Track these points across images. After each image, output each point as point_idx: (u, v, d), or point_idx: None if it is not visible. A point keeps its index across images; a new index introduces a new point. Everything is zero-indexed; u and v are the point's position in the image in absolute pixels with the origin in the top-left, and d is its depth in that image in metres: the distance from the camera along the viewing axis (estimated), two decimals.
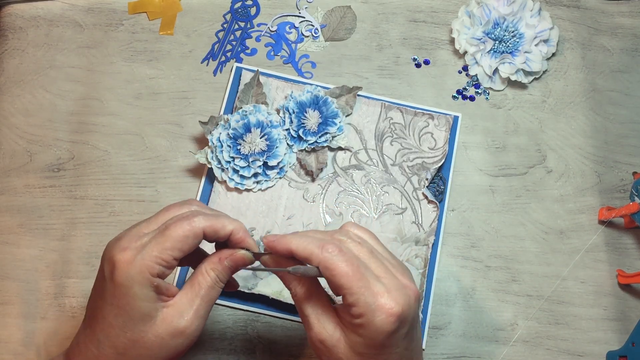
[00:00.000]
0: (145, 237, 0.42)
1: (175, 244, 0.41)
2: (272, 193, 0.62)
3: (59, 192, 0.62)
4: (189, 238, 0.42)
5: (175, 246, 0.41)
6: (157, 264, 0.41)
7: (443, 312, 0.61)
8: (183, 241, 0.41)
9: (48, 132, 0.64)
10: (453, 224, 0.63)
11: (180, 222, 0.42)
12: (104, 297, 0.42)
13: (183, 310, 0.43)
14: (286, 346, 0.59)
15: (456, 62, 0.69)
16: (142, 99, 0.65)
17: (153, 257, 0.41)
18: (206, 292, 0.43)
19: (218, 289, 0.44)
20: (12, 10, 0.68)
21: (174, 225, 0.42)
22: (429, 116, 0.65)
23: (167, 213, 0.44)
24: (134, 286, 0.41)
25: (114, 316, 0.41)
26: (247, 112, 0.61)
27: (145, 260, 0.41)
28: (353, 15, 0.70)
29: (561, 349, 0.60)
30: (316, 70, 0.67)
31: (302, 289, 0.43)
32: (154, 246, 0.41)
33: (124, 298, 0.41)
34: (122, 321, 0.41)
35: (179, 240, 0.41)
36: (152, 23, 0.68)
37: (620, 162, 0.67)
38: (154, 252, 0.41)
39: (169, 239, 0.41)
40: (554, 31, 0.68)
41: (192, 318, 0.43)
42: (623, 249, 0.64)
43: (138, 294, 0.41)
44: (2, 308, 0.58)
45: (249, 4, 0.70)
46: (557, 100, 0.68)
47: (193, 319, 0.43)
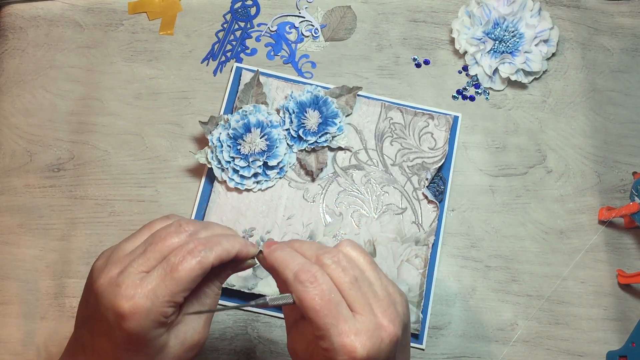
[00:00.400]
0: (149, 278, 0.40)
1: (186, 285, 0.40)
2: (272, 193, 0.62)
3: (59, 192, 0.62)
4: (198, 277, 0.40)
5: (185, 287, 0.40)
6: (169, 307, 0.40)
7: (443, 312, 0.61)
8: (193, 281, 0.40)
9: (48, 132, 0.64)
10: (453, 224, 0.63)
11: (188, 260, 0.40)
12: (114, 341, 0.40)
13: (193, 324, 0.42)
14: (286, 346, 0.59)
15: (456, 62, 0.69)
16: (142, 99, 0.65)
17: (165, 303, 0.39)
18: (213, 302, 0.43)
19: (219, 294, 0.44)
20: (12, 10, 0.68)
21: (182, 265, 0.40)
22: (429, 116, 0.65)
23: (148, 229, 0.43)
24: (149, 332, 0.39)
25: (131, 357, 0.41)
26: (247, 112, 0.61)
27: (157, 307, 0.39)
28: (353, 15, 0.70)
29: (561, 349, 0.60)
30: (316, 70, 0.67)
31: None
32: (164, 290, 0.39)
33: (140, 343, 0.40)
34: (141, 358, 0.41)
35: (189, 281, 0.40)
36: (152, 23, 0.68)
37: (620, 162, 0.67)
38: (166, 298, 0.39)
39: (179, 282, 0.39)
40: (554, 31, 0.68)
41: (203, 329, 0.43)
42: (623, 249, 0.64)
43: (154, 336, 0.40)
44: (2, 308, 0.58)
45: (249, 4, 0.70)
46: (557, 100, 0.68)
47: (204, 329, 0.43)
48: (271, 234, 0.61)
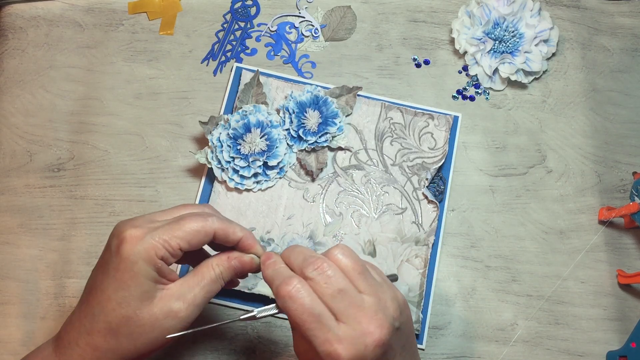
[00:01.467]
0: (158, 222, 0.44)
1: (186, 235, 0.43)
2: (272, 193, 0.62)
3: (59, 192, 0.62)
4: (200, 233, 0.44)
5: (185, 237, 0.43)
6: (163, 247, 0.43)
7: (443, 312, 0.61)
8: (194, 234, 0.43)
9: (48, 132, 0.64)
10: (453, 224, 0.63)
11: (195, 217, 0.44)
12: (106, 271, 0.43)
13: (181, 294, 0.44)
14: (286, 346, 0.59)
15: (456, 62, 0.69)
16: (142, 99, 0.65)
17: (162, 240, 0.43)
18: (207, 283, 0.45)
19: (219, 285, 0.46)
20: (12, 10, 0.68)
21: (189, 218, 0.44)
22: (429, 116, 0.65)
23: (183, 208, 0.46)
24: (138, 261, 0.42)
25: (113, 290, 0.43)
26: (247, 112, 0.61)
27: (154, 240, 0.42)
28: (353, 15, 0.70)
29: (561, 349, 0.60)
30: (316, 70, 0.67)
31: None
32: (166, 231, 0.43)
33: (127, 272, 0.42)
34: (121, 296, 0.43)
35: (190, 232, 0.43)
36: (152, 23, 0.68)
37: (620, 162, 0.67)
38: (164, 236, 0.43)
39: (181, 228, 0.43)
40: (554, 31, 0.68)
41: (188, 303, 0.44)
42: (623, 249, 0.64)
43: (141, 270, 0.42)
44: (2, 308, 0.58)
45: (249, 4, 0.70)
46: (557, 100, 0.68)
47: (189, 304, 0.44)
48: (271, 234, 0.61)
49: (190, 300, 0.44)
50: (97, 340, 0.43)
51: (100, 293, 0.43)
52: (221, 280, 0.46)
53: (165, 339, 0.44)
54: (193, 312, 0.45)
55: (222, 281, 0.46)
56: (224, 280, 0.46)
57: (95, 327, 0.43)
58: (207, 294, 0.45)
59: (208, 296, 0.45)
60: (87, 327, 0.44)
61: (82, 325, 0.44)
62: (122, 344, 0.43)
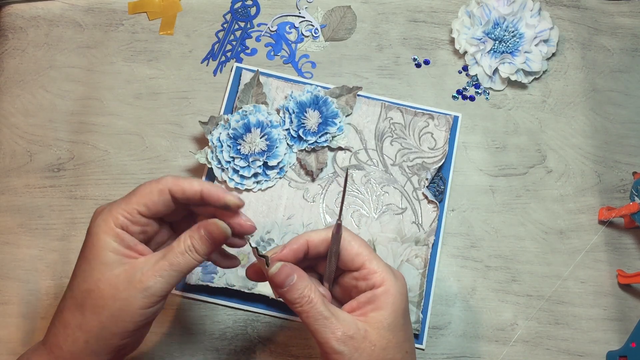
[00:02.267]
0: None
1: (140, 199, 0.43)
2: (272, 193, 0.62)
3: (59, 192, 0.62)
4: (153, 194, 0.44)
5: (139, 201, 0.43)
6: (121, 215, 0.43)
7: (443, 312, 0.61)
8: (147, 196, 0.44)
9: (48, 132, 0.64)
10: (453, 224, 0.63)
11: (150, 181, 0.44)
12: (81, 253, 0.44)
13: (145, 265, 0.43)
14: (286, 346, 0.59)
15: (456, 62, 0.69)
16: (142, 99, 0.65)
17: (119, 209, 0.43)
18: (175, 255, 0.43)
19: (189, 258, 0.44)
20: (12, 10, 0.68)
21: (143, 184, 0.44)
22: (429, 116, 0.65)
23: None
24: (99, 233, 0.43)
25: (78, 266, 0.44)
26: (247, 112, 0.61)
27: (112, 211, 0.43)
28: (353, 15, 0.70)
29: (561, 349, 0.60)
30: (316, 70, 0.67)
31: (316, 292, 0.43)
32: (122, 201, 0.44)
33: (90, 247, 0.43)
34: (84, 270, 0.43)
35: (143, 195, 0.44)
36: (152, 23, 0.68)
37: (620, 162, 0.67)
38: (121, 205, 0.43)
39: (135, 194, 0.44)
40: (554, 31, 0.68)
41: (150, 273, 0.42)
42: (623, 249, 0.64)
43: (101, 241, 0.43)
44: (2, 308, 0.58)
45: (249, 4, 0.70)
46: (557, 100, 0.68)
47: (151, 274, 0.42)
48: (271, 234, 0.61)
49: (154, 272, 0.42)
50: (66, 317, 0.43)
51: (72, 274, 0.44)
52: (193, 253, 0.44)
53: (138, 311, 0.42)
54: (158, 284, 0.42)
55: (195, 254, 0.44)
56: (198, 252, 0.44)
57: (64, 305, 0.44)
58: (176, 268, 0.43)
59: (177, 270, 0.43)
60: (60, 306, 0.44)
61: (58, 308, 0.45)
62: (87, 318, 0.42)
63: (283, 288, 0.43)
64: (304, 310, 0.43)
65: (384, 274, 0.44)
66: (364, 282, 0.44)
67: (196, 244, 0.44)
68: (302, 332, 0.59)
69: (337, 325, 0.42)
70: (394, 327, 0.43)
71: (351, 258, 0.45)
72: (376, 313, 0.43)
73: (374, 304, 0.43)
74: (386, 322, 0.43)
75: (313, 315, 0.42)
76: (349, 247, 0.45)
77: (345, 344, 0.42)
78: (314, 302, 0.43)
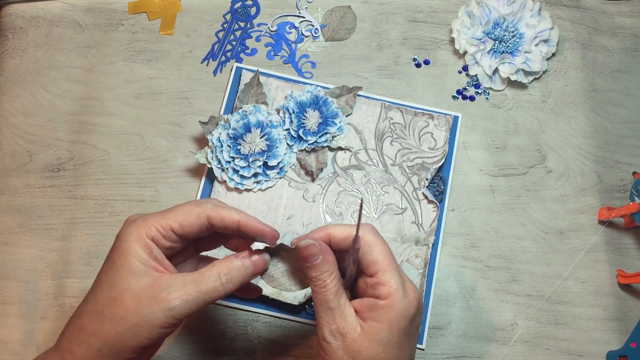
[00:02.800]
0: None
1: (177, 216, 0.43)
2: (272, 193, 0.62)
3: (59, 192, 0.62)
4: (191, 215, 0.44)
5: (176, 218, 0.43)
6: (154, 227, 0.43)
7: (443, 312, 0.61)
8: (184, 216, 0.44)
9: (48, 132, 0.64)
10: (453, 224, 0.63)
11: (190, 202, 0.45)
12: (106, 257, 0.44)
13: (172, 285, 0.42)
14: (286, 346, 0.59)
15: (456, 62, 0.69)
16: (142, 99, 0.65)
17: (153, 222, 0.43)
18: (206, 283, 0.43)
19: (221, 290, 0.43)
20: (12, 10, 0.68)
21: (183, 203, 0.45)
22: (429, 116, 0.65)
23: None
24: (128, 240, 0.43)
25: (104, 271, 0.43)
26: (247, 112, 0.61)
27: (145, 221, 0.43)
28: (353, 15, 0.70)
29: (561, 349, 0.60)
30: (316, 70, 0.67)
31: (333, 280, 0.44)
32: (157, 214, 0.44)
33: (117, 252, 0.43)
34: (110, 276, 0.43)
35: (181, 213, 0.44)
36: (152, 23, 0.68)
37: (620, 162, 0.67)
38: (156, 218, 0.43)
39: (173, 210, 0.44)
40: (554, 31, 0.68)
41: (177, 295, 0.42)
42: (623, 249, 0.64)
43: (130, 249, 0.42)
44: (2, 308, 0.58)
45: (249, 4, 0.70)
46: (557, 100, 0.68)
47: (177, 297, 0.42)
48: None
49: (180, 294, 0.42)
50: (83, 322, 0.43)
51: (96, 278, 0.44)
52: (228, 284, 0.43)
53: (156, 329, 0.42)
54: (181, 307, 0.42)
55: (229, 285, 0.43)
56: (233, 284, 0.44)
57: (84, 309, 0.43)
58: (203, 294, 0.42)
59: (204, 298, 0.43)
60: (79, 310, 0.44)
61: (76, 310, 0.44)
62: (105, 326, 0.42)
63: (307, 263, 0.44)
64: (316, 291, 0.44)
65: (392, 289, 0.43)
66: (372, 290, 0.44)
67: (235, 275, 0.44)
68: (302, 332, 0.59)
69: (336, 318, 0.43)
70: (386, 342, 0.42)
71: (367, 264, 0.44)
72: (373, 323, 0.43)
73: (374, 313, 0.43)
74: (379, 336, 0.42)
75: (321, 299, 0.44)
76: (368, 253, 0.44)
77: (336, 338, 0.43)
78: (327, 289, 0.44)
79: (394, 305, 0.42)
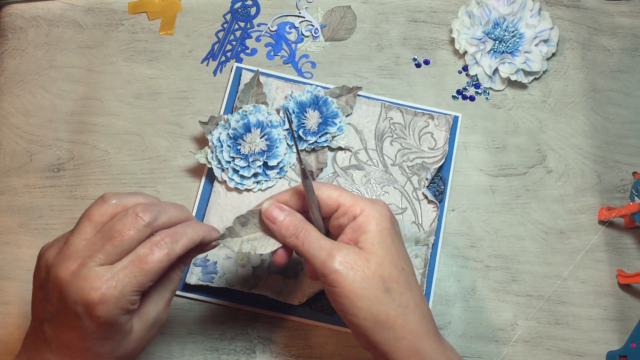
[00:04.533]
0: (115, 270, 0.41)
1: (153, 276, 0.42)
2: (272, 193, 0.62)
3: (59, 192, 0.62)
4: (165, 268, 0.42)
5: (152, 278, 0.42)
6: (136, 296, 0.42)
7: (443, 312, 0.61)
8: (160, 271, 0.42)
9: (48, 132, 0.64)
10: (453, 224, 0.63)
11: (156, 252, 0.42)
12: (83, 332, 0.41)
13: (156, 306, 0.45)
14: (286, 346, 0.59)
15: (456, 62, 0.69)
16: (142, 99, 0.65)
17: (132, 292, 0.41)
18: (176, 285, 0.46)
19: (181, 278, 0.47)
20: (12, 10, 0.68)
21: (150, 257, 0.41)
22: (429, 116, 0.65)
23: (90, 219, 0.43)
24: (118, 319, 0.41)
25: (100, 346, 0.42)
26: (247, 112, 0.61)
27: (127, 296, 0.41)
28: (353, 15, 0.70)
29: (561, 349, 0.60)
30: (316, 70, 0.67)
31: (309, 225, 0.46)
32: (132, 281, 0.41)
33: (109, 331, 0.41)
34: (110, 347, 0.42)
35: (156, 272, 0.42)
36: (152, 23, 0.68)
37: (620, 162, 0.67)
38: (134, 288, 0.41)
39: (147, 274, 0.41)
40: (554, 31, 0.68)
41: (164, 309, 0.45)
42: (623, 249, 0.64)
43: (122, 322, 0.42)
44: (2, 308, 0.58)
45: (249, 4, 0.70)
46: (557, 100, 0.68)
47: (165, 309, 0.45)
48: None
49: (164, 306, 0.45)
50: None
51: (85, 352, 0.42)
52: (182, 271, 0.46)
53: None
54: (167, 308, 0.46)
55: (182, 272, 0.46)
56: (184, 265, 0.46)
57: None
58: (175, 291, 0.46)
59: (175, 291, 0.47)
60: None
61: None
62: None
63: (275, 223, 0.46)
64: (299, 239, 0.45)
65: (360, 204, 0.45)
66: (345, 218, 0.46)
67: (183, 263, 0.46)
68: (302, 332, 0.59)
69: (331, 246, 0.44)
70: (383, 244, 0.44)
71: (324, 203, 0.46)
72: (364, 236, 0.45)
73: (360, 230, 0.45)
74: (374, 241, 0.44)
75: (308, 241, 0.45)
76: (320, 194, 0.46)
77: (341, 264, 0.44)
78: (307, 230, 0.45)
79: (370, 212, 0.45)
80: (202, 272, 0.59)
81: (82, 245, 0.42)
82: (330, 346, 0.59)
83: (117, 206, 0.43)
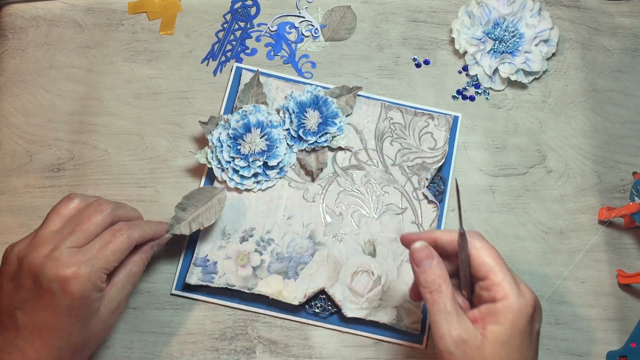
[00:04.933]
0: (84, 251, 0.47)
1: (118, 256, 0.49)
2: (272, 193, 0.62)
3: (59, 192, 0.62)
4: (127, 250, 0.49)
5: (117, 258, 0.49)
6: (104, 274, 0.48)
7: None
8: (123, 252, 0.49)
9: (48, 132, 0.64)
10: (453, 224, 0.63)
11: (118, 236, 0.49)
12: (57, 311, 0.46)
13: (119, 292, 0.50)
14: (286, 346, 0.59)
15: (456, 62, 0.69)
16: (142, 99, 0.65)
17: (101, 269, 0.47)
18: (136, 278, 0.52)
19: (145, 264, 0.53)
20: (12, 10, 0.68)
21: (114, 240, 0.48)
22: (429, 116, 0.65)
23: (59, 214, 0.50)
24: (91, 295, 0.47)
25: (72, 325, 0.47)
26: (247, 112, 0.61)
27: (97, 272, 0.47)
28: (353, 15, 0.70)
29: (561, 349, 0.60)
30: (316, 70, 0.67)
31: (449, 286, 0.44)
32: (101, 260, 0.47)
33: (83, 308, 0.47)
34: (80, 326, 0.47)
35: (121, 252, 0.49)
36: (152, 23, 0.68)
37: (620, 162, 0.67)
38: (102, 265, 0.47)
39: (113, 252, 0.48)
40: (554, 31, 0.68)
41: (125, 297, 0.51)
42: (623, 249, 0.64)
43: (93, 299, 0.47)
44: None
45: (249, 4, 0.70)
46: (557, 100, 0.68)
47: (125, 298, 0.51)
48: (271, 234, 0.61)
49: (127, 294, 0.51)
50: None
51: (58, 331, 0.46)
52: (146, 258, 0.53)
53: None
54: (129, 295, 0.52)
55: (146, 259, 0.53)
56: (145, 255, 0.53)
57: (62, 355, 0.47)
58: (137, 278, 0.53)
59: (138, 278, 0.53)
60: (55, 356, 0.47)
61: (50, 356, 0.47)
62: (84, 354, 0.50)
63: (419, 267, 0.45)
64: (432, 297, 0.44)
65: (507, 288, 0.43)
66: (486, 293, 0.44)
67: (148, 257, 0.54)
68: (302, 332, 0.59)
69: (456, 325, 0.42)
70: (509, 345, 0.42)
71: (476, 266, 0.44)
72: (494, 327, 0.42)
73: (493, 317, 0.42)
74: (501, 339, 0.42)
75: (438, 306, 0.43)
76: (476, 256, 0.44)
77: (458, 347, 0.42)
78: (443, 293, 0.43)
79: (512, 305, 0.42)
80: (202, 272, 0.59)
81: (52, 234, 0.48)
82: (330, 346, 0.59)
83: (82, 203, 0.50)
